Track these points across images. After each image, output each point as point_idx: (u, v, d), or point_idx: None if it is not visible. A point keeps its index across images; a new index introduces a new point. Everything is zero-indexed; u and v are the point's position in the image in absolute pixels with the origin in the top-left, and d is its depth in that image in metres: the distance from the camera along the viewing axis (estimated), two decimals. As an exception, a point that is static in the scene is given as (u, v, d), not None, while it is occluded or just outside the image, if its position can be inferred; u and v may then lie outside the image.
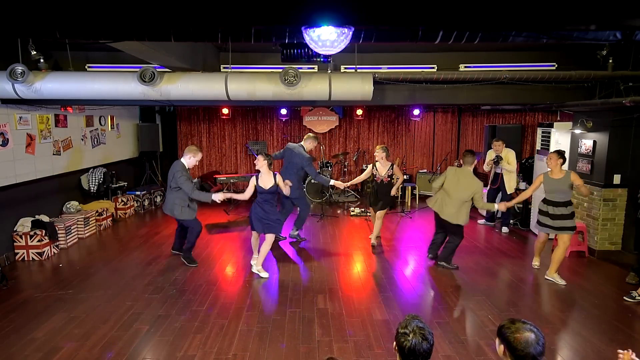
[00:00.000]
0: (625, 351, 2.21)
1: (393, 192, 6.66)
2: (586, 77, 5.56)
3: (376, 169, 6.68)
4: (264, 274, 5.49)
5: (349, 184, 7.07)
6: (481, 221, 8.25)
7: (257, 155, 5.73)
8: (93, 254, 6.48)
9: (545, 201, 5.46)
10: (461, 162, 5.78)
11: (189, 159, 5.72)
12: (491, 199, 7.80)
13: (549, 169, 5.45)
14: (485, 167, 7.75)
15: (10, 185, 6.04)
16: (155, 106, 10.04)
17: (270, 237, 5.48)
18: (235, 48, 5.80)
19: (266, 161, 5.43)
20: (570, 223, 5.30)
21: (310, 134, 7.08)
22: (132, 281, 5.37)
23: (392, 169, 6.61)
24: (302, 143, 6.76)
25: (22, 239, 6.07)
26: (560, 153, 5.42)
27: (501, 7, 2.96)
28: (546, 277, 5.46)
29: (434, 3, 2.95)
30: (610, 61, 5.52)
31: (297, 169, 6.61)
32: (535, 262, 5.92)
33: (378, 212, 6.72)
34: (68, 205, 7.29)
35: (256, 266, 5.58)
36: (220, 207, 8.77)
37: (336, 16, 3.05)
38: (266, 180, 5.44)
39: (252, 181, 5.48)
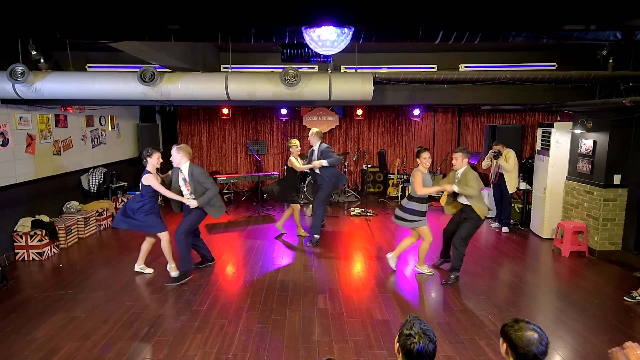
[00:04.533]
0: (629, 344, 2.11)
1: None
2: (586, 77, 5.56)
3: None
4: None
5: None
6: (494, 224, 8.08)
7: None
8: (93, 254, 6.48)
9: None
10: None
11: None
12: (495, 198, 7.81)
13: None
14: (485, 163, 7.73)
15: (11, 185, 6.04)
16: (156, 106, 10.04)
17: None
18: (235, 48, 5.80)
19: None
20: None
21: (313, 129, 7.08)
22: (132, 281, 5.37)
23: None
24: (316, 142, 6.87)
25: (22, 239, 6.07)
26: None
27: (501, 7, 2.95)
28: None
29: (434, 3, 2.95)
30: (611, 61, 5.52)
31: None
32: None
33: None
34: (68, 205, 7.29)
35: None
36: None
37: (336, 16, 3.05)
38: None
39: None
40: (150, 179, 5.19)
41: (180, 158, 5.34)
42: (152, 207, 5.34)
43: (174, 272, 5.44)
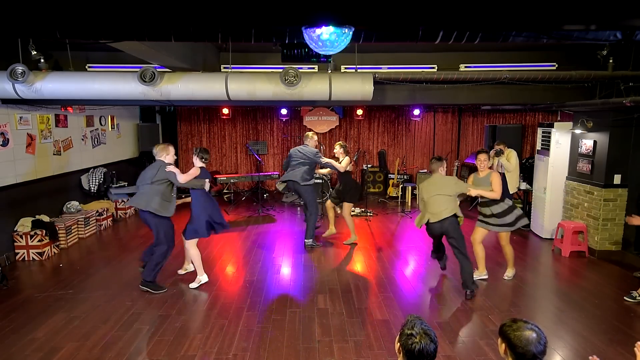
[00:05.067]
0: None
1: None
2: (586, 77, 5.55)
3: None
4: None
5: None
6: None
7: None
8: (93, 254, 6.48)
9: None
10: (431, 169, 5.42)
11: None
12: None
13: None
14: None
15: (11, 185, 6.04)
16: (156, 106, 10.04)
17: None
18: (235, 48, 5.80)
19: None
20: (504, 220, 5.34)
21: (308, 132, 7.06)
22: (132, 281, 5.37)
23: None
24: (306, 143, 6.80)
25: (22, 239, 6.07)
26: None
27: (501, 7, 2.95)
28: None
29: (434, 3, 2.95)
30: (611, 61, 5.52)
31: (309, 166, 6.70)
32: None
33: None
34: (68, 205, 7.29)
35: None
36: (221, 206, 8.75)
37: (336, 16, 3.05)
38: None
39: None
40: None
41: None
42: None
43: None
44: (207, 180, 5.20)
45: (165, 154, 5.11)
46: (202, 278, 5.29)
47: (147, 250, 5.32)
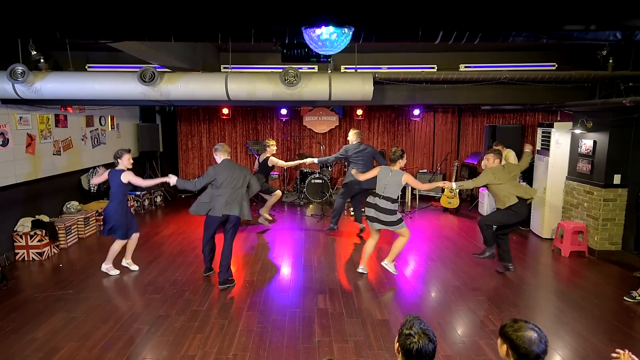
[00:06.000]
0: (622, 351, 2.21)
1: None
2: (586, 77, 5.56)
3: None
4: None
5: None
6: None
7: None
8: (93, 254, 6.47)
9: None
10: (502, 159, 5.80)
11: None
12: None
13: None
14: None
15: (11, 185, 6.04)
16: (155, 106, 10.04)
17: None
18: (235, 48, 5.80)
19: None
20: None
21: (352, 130, 7.31)
22: (132, 281, 5.38)
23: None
24: (355, 140, 7.04)
25: (22, 239, 6.07)
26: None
27: (501, 7, 2.96)
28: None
29: (434, 3, 2.95)
30: (610, 61, 5.52)
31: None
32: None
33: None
34: (68, 205, 7.29)
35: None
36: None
37: (336, 16, 3.05)
38: None
39: None
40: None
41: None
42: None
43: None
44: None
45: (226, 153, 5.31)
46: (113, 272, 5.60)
47: (206, 254, 5.45)
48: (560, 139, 7.08)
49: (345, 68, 6.06)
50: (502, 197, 5.39)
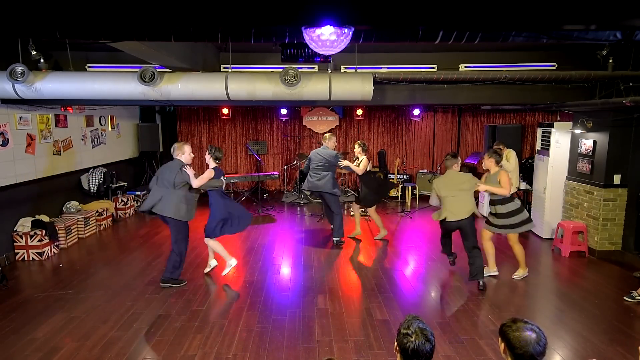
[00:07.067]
0: None
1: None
2: (586, 77, 5.56)
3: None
4: None
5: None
6: None
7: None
8: (93, 254, 6.48)
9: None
10: (444, 167, 5.49)
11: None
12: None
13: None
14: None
15: (11, 185, 6.04)
16: (155, 106, 10.04)
17: None
18: (235, 48, 5.80)
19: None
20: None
21: (326, 134, 7.08)
22: (132, 281, 5.37)
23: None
24: (325, 145, 6.83)
25: (22, 239, 6.07)
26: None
27: (501, 7, 2.96)
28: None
29: (434, 3, 2.95)
30: (610, 61, 5.51)
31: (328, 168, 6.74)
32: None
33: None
34: (68, 205, 7.29)
35: None
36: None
37: (336, 16, 3.05)
38: None
39: None
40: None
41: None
42: None
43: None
44: (222, 178, 5.30)
45: (181, 153, 5.15)
46: (231, 262, 5.44)
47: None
48: (560, 138, 7.08)
49: (345, 68, 6.06)
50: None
